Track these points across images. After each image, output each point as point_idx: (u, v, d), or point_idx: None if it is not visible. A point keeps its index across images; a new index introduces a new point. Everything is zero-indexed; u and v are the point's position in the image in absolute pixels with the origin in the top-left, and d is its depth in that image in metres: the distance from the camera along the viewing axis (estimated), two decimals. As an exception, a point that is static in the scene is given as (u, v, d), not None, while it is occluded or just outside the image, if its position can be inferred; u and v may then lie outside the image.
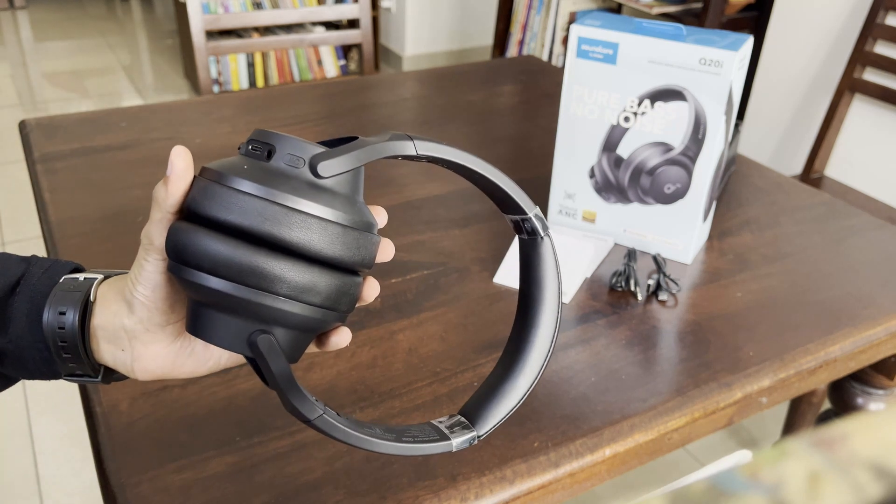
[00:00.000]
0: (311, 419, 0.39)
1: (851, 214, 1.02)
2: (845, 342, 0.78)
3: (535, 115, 1.29)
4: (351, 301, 0.41)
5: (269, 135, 0.39)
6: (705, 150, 0.85)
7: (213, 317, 0.40)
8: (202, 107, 1.25)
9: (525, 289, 0.47)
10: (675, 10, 2.35)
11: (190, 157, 0.40)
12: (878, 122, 1.96)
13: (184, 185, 0.39)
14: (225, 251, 0.37)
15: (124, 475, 0.58)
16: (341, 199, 0.39)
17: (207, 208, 0.38)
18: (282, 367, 0.39)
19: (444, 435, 0.43)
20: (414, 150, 0.41)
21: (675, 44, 0.82)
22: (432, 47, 3.58)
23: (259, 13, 1.84)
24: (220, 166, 0.39)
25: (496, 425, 0.45)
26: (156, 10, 4.57)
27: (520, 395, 0.45)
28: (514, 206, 0.45)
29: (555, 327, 0.46)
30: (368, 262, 0.41)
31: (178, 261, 0.39)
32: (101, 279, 0.45)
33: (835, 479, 0.16)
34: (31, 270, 0.45)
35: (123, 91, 3.34)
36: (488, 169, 0.43)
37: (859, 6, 1.95)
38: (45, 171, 1.02)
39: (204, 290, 0.38)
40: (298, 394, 0.39)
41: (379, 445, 0.40)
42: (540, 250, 0.46)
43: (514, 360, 0.46)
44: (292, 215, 0.37)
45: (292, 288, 0.38)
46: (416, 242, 0.90)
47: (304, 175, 0.39)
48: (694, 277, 0.88)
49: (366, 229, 0.40)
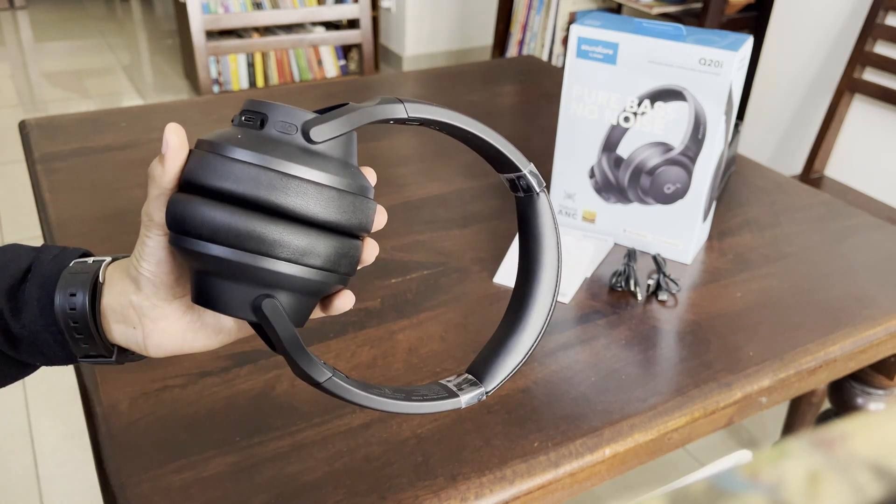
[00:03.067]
0: (321, 381, 0.39)
1: (851, 214, 1.02)
2: (845, 342, 0.78)
3: (535, 115, 1.29)
4: (351, 263, 0.42)
5: (260, 104, 0.40)
6: (705, 150, 0.85)
7: (217, 285, 0.40)
8: (202, 107, 1.25)
9: (524, 246, 0.47)
10: (675, 10, 2.35)
11: (184, 133, 0.40)
12: (878, 122, 1.96)
13: (179, 160, 0.40)
14: (223, 218, 0.38)
15: (124, 475, 0.58)
16: (335, 164, 0.40)
17: (204, 178, 0.39)
18: (288, 330, 0.39)
19: (453, 392, 0.44)
20: (405, 113, 0.41)
21: (674, 44, 0.82)
22: (432, 47, 3.58)
23: (259, 13, 1.84)
24: (214, 137, 0.40)
25: (503, 381, 0.45)
26: (156, 10, 4.57)
27: (524, 351, 0.46)
28: (508, 165, 0.45)
29: (556, 282, 0.47)
30: (366, 225, 0.42)
31: (178, 231, 0.39)
32: (108, 261, 0.46)
33: (835, 479, 0.16)
34: (41, 257, 0.46)
35: (123, 91, 3.34)
36: (480, 128, 0.43)
37: (859, 6, 1.95)
38: (45, 171, 1.02)
39: (205, 259, 0.39)
40: (306, 357, 0.39)
41: (389, 405, 0.41)
42: (537, 207, 0.46)
43: (517, 317, 0.46)
44: (287, 180, 0.38)
45: (292, 251, 0.39)
46: (416, 242, 0.90)
47: (296, 141, 0.39)
48: (694, 277, 0.88)
49: (361, 193, 0.41)
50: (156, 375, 0.68)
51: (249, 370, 0.69)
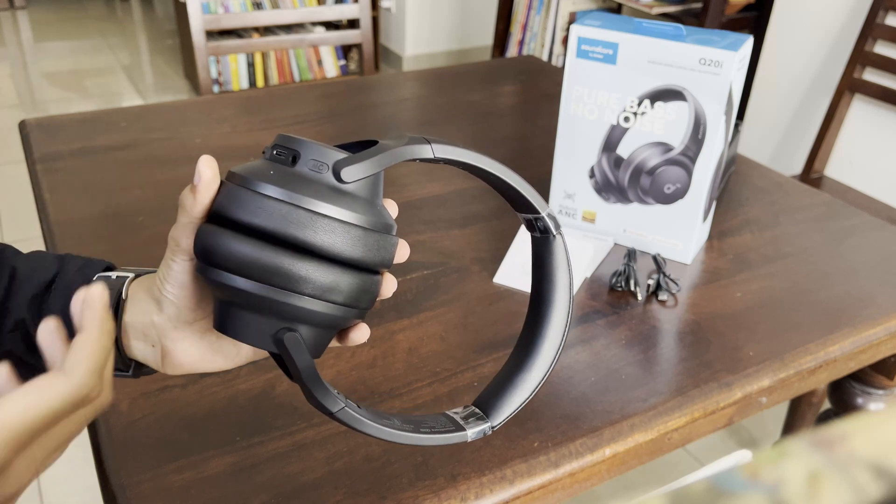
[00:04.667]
0: (334, 412, 0.40)
1: (851, 214, 1.02)
2: (845, 342, 0.78)
3: (535, 115, 1.29)
4: (371, 298, 0.43)
5: (293, 140, 0.41)
6: (705, 150, 0.85)
7: (241, 315, 0.41)
8: (202, 107, 1.25)
9: (537, 285, 0.48)
10: (675, 10, 2.35)
11: (216, 166, 0.41)
12: (878, 122, 1.96)
13: (210, 193, 0.41)
14: (252, 253, 0.39)
15: (124, 475, 0.58)
16: (362, 203, 0.41)
17: (234, 212, 0.39)
18: (306, 362, 0.41)
19: (460, 426, 0.45)
20: (432, 154, 0.42)
21: (674, 44, 0.82)
22: (432, 47, 3.58)
23: (259, 13, 1.84)
24: (246, 171, 0.40)
25: (509, 416, 0.46)
26: (156, 10, 4.57)
27: (532, 388, 0.47)
28: (527, 206, 0.46)
29: (566, 322, 0.48)
30: (388, 262, 0.43)
31: (206, 262, 0.40)
32: (132, 277, 0.46)
33: (835, 479, 0.16)
34: (66, 268, 0.47)
35: (123, 91, 3.34)
36: (502, 170, 0.45)
37: (859, 6, 1.95)
38: (45, 171, 1.02)
39: (231, 291, 0.40)
40: (322, 388, 0.40)
41: (398, 437, 0.42)
42: (552, 248, 0.48)
43: (526, 353, 0.48)
44: (317, 219, 0.39)
45: (316, 288, 0.40)
46: (416, 242, 0.90)
47: (327, 180, 0.40)
48: (694, 277, 0.88)
49: (385, 231, 0.42)
50: (156, 375, 0.68)
51: (249, 370, 0.69)
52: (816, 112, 2.10)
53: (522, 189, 0.45)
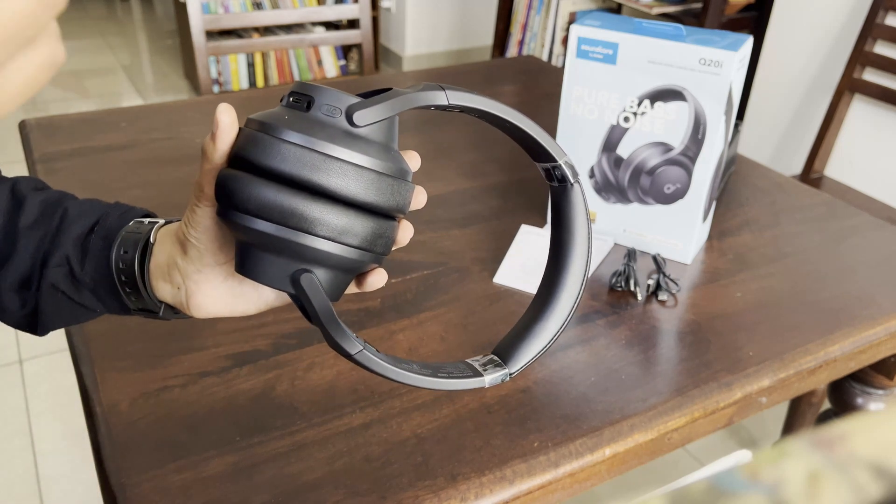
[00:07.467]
0: (353, 353, 0.41)
1: (851, 214, 1.02)
2: (845, 342, 0.78)
3: (535, 115, 1.29)
4: (387, 243, 0.43)
5: (308, 87, 0.42)
6: (705, 150, 0.85)
7: (259, 257, 0.42)
8: (202, 107, 1.25)
9: (556, 234, 0.49)
10: (675, 10, 2.35)
11: (234, 113, 0.42)
12: (878, 122, 1.96)
13: (229, 138, 0.42)
14: (268, 195, 0.40)
15: (124, 475, 0.58)
16: (377, 147, 0.42)
17: (252, 156, 0.40)
18: (323, 303, 0.41)
19: (478, 372, 0.45)
20: (446, 100, 0.43)
21: (674, 44, 0.82)
22: (432, 47, 3.58)
23: (259, 13, 1.84)
24: (263, 117, 0.42)
25: (527, 363, 0.47)
26: (156, 10, 4.57)
27: (550, 336, 0.47)
28: (544, 154, 0.47)
29: (584, 271, 0.48)
30: (403, 207, 0.43)
31: (226, 205, 0.41)
32: (161, 223, 0.50)
33: (834, 479, 0.16)
34: (110, 213, 0.51)
35: (123, 91, 3.34)
36: (519, 117, 0.45)
37: (859, 6, 1.95)
38: (45, 171, 1.02)
39: (250, 232, 0.41)
40: (339, 329, 0.41)
41: (416, 380, 0.43)
42: (570, 197, 0.48)
43: (545, 302, 0.48)
44: (329, 161, 0.40)
45: (331, 230, 0.40)
46: (416, 242, 0.90)
47: (340, 124, 0.41)
48: (694, 277, 0.88)
49: (400, 176, 0.43)
50: (155, 375, 0.68)
51: (249, 370, 0.69)
52: (816, 112, 2.10)
53: (539, 136, 0.45)
